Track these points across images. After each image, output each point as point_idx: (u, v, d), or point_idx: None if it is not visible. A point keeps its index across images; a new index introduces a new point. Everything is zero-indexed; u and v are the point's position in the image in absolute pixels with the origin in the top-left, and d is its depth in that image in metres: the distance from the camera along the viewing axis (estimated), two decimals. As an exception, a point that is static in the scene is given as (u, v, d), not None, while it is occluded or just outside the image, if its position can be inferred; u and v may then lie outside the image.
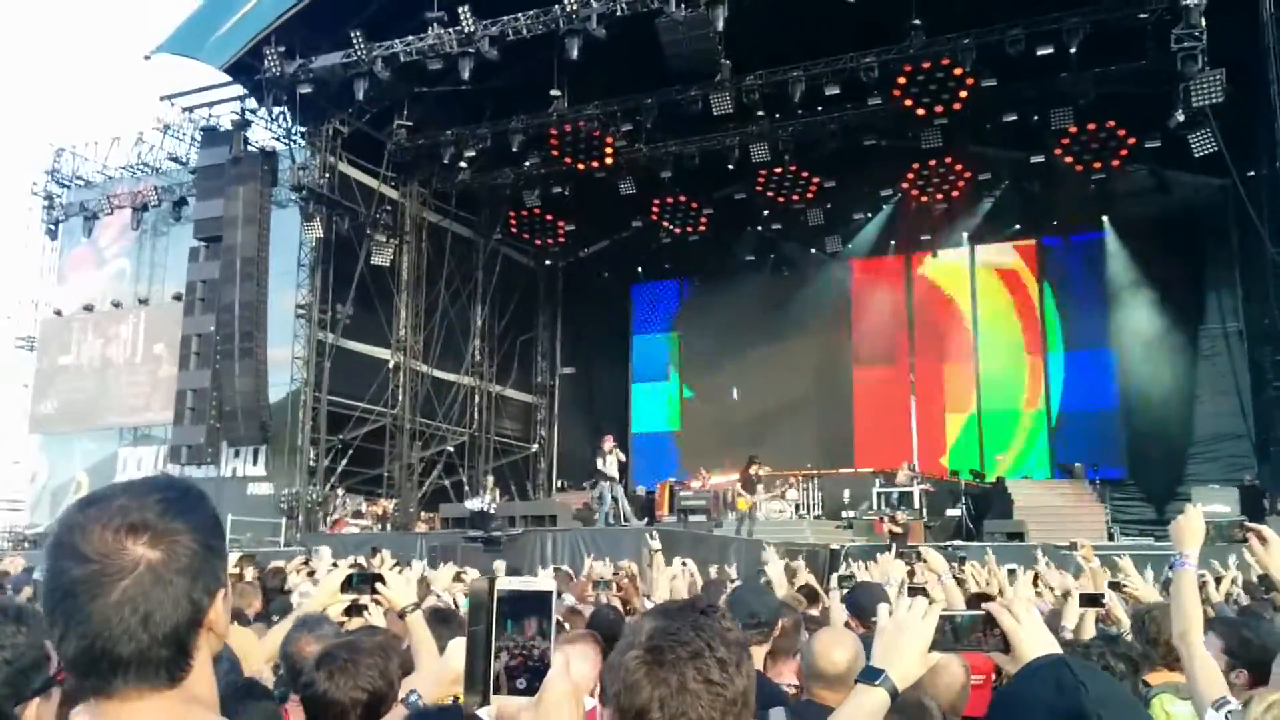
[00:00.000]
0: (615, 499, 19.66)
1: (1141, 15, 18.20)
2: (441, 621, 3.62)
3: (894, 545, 16.92)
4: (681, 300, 30.25)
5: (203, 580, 1.36)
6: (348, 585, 3.52)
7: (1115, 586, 6.14)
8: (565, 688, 1.47)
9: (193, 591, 1.34)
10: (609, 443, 19.85)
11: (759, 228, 27.14)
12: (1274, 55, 16.68)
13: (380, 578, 3.39)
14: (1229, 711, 2.78)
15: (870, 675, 1.94)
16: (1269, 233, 18.58)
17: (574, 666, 1.52)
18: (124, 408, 26.03)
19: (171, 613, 1.32)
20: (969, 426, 26.52)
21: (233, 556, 8.42)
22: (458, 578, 7.57)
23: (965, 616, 2.00)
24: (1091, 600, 5.28)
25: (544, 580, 1.59)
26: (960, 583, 6.62)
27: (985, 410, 26.41)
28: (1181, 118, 18.40)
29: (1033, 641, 1.90)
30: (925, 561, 5.78)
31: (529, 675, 1.52)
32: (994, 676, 3.41)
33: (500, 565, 11.74)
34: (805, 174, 24.48)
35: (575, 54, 19.07)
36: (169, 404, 23.80)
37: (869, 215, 26.64)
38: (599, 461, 19.71)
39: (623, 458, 20.71)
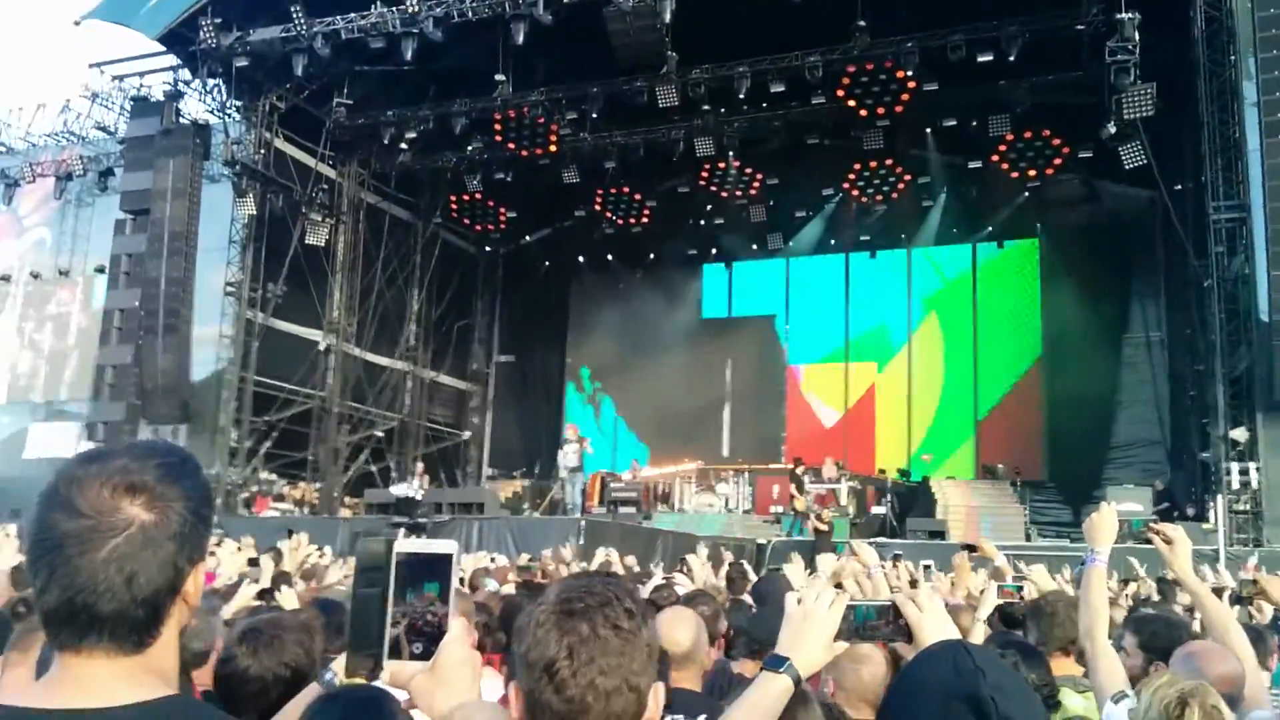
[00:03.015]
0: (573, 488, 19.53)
1: (1079, 26, 18.53)
2: None
3: (818, 541, 17.08)
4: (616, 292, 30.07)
5: (188, 549, 1.37)
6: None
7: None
8: (463, 653, 1.47)
9: (178, 558, 1.35)
10: (573, 432, 19.68)
11: (701, 222, 27.19)
12: (1203, 72, 17.03)
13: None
14: (1130, 709, 2.79)
15: (775, 663, 1.95)
16: (1192, 246, 19.05)
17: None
18: (37, 381, 25.29)
19: (155, 576, 1.33)
20: (897, 426, 26.82)
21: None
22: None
23: (870, 606, 2.01)
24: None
25: (444, 543, 1.56)
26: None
27: (913, 411, 26.72)
28: (1113, 129, 18.78)
29: (935, 630, 1.91)
30: (855, 555, 5.82)
31: (425, 639, 1.49)
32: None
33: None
34: (749, 170, 24.55)
35: (520, 39, 18.91)
36: (86, 379, 23.15)
37: (810, 214, 26.74)
38: (563, 451, 19.41)
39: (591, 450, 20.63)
